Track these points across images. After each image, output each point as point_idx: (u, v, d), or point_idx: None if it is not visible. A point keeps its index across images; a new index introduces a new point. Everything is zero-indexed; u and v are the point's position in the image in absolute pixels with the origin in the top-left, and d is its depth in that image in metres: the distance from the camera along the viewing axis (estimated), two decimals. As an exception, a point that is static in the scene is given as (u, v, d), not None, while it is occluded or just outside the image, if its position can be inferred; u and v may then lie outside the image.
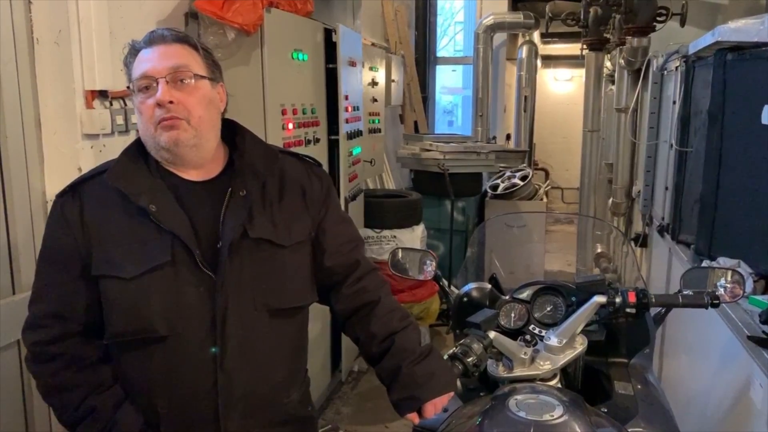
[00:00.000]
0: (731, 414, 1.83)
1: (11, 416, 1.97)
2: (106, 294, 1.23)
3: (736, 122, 2.16)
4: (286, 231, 1.31)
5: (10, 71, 1.88)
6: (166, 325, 1.21)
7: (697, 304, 1.46)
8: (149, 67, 1.22)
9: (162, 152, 1.25)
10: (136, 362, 1.25)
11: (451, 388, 1.36)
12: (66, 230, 1.24)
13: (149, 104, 1.22)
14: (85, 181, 1.28)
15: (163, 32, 1.27)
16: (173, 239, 1.22)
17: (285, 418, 1.36)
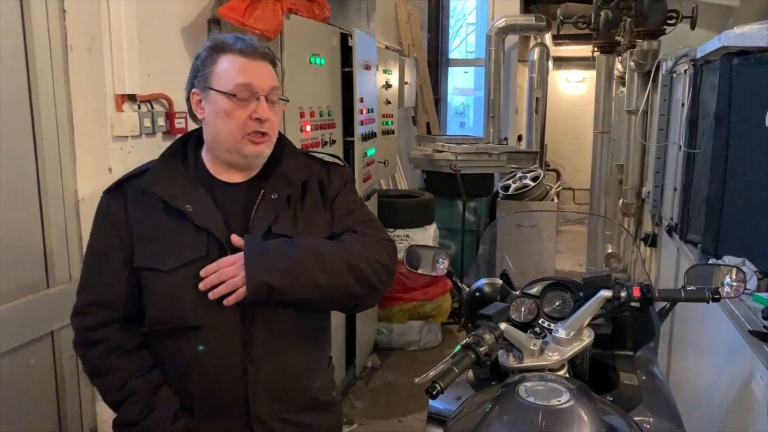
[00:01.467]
0: (735, 405, 1.90)
1: (45, 403, 2.07)
2: (146, 284, 1.33)
3: (742, 125, 2.22)
4: (306, 228, 1.39)
5: (46, 77, 1.99)
6: (197, 317, 1.30)
7: (699, 298, 1.53)
8: (254, 81, 1.30)
9: (235, 157, 1.34)
10: (171, 350, 1.34)
11: None
12: (111, 225, 1.34)
13: (243, 113, 1.30)
14: (129, 180, 1.37)
15: (260, 47, 1.34)
16: (208, 236, 1.31)
17: (310, 403, 1.44)
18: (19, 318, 1.90)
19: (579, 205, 9.81)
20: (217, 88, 1.30)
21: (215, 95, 1.31)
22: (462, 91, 9.93)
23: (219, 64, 1.31)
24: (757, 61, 2.13)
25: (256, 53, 1.32)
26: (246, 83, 1.29)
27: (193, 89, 1.35)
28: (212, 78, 1.31)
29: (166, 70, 2.34)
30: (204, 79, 1.32)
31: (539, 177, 5.52)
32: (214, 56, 1.32)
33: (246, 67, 1.30)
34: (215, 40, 1.35)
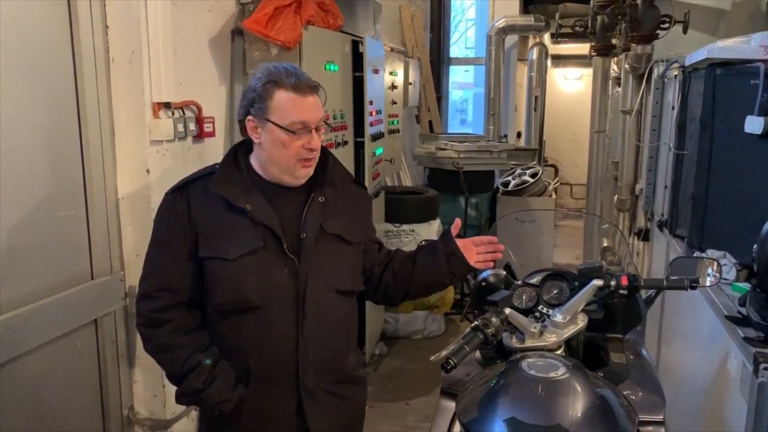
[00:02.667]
0: (714, 383, 2.11)
1: (89, 383, 2.28)
2: (212, 272, 1.53)
3: (724, 130, 2.43)
4: (352, 231, 1.65)
5: (91, 87, 2.19)
6: (259, 298, 1.51)
7: (679, 286, 1.73)
8: (309, 117, 1.50)
9: (286, 177, 1.55)
10: (233, 328, 1.54)
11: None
12: (176, 221, 1.54)
13: (300, 143, 1.50)
14: (190, 183, 1.58)
15: (309, 81, 1.52)
16: (264, 230, 1.52)
17: (346, 377, 1.68)
18: (67, 307, 2.11)
19: (576, 200, 10.02)
20: (275, 121, 1.49)
21: (273, 127, 1.50)
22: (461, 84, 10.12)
23: (275, 98, 1.49)
24: (738, 72, 2.33)
25: (307, 88, 1.51)
26: (302, 120, 1.49)
27: (249, 116, 1.53)
28: (270, 111, 1.49)
29: (196, 79, 2.54)
30: (262, 111, 1.50)
31: (538, 173, 5.71)
32: (270, 90, 1.49)
33: (300, 104, 1.49)
34: (269, 74, 1.51)
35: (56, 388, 2.13)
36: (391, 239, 4.29)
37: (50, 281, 2.05)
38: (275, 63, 1.58)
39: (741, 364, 1.79)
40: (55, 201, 2.09)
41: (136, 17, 2.23)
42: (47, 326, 2.02)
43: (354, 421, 1.75)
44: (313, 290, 1.55)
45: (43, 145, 2.03)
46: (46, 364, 2.06)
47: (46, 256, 2.05)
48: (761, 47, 2.30)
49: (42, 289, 2.02)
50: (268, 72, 1.53)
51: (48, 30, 2.03)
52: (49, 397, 2.10)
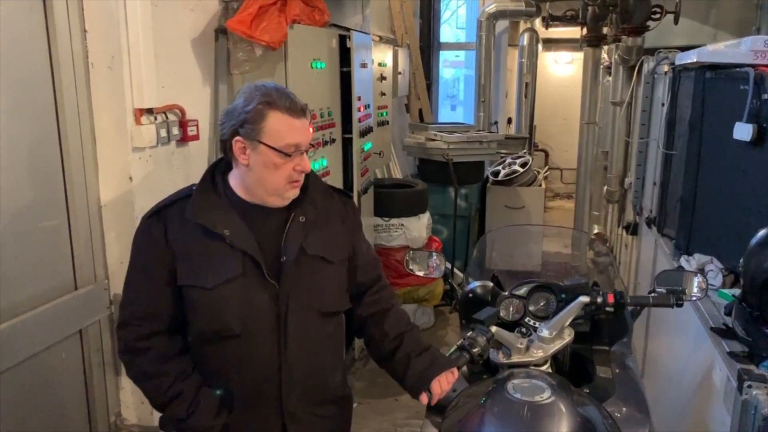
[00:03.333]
0: (698, 390, 2.13)
1: (76, 391, 2.27)
2: (191, 300, 1.51)
3: (712, 134, 2.42)
4: (333, 250, 1.61)
5: (70, 94, 2.13)
6: (240, 325, 1.49)
7: (665, 304, 1.74)
8: (301, 140, 1.48)
9: (274, 199, 1.52)
10: (215, 354, 1.53)
11: (449, 366, 1.66)
12: (153, 247, 1.51)
13: (291, 165, 1.48)
14: (167, 207, 1.54)
15: (300, 104, 1.49)
16: (244, 255, 1.49)
17: (331, 397, 1.67)
18: (51, 320, 2.07)
19: (566, 184, 10.02)
20: (268, 143, 1.45)
21: (265, 149, 1.46)
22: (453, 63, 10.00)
23: (269, 120, 1.45)
24: (728, 77, 2.31)
25: (299, 111, 1.48)
26: (296, 143, 1.47)
27: (237, 137, 1.47)
28: (263, 133, 1.45)
29: (178, 81, 2.49)
30: (254, 132, 1.45)
31: (528, 163, 5.70)
32: (263, 112, 1.45)
33: (294, 127, 1.47)
34: (262, 94, 1.46)
35: (41, 398, 2.11)
36: (380, 233, 4.28)
37: (33, 293, 2.02)
38: (263, 83, 1.54)
39: (725, 377, 1.80)
40: (36, 211, 2.05)
41: (116, 20, 2.17)
42: (31, 341, 1.99)
43: None
44: (294, 314, 1.53)
45: (22, 154, 1.98)
46: (30, 377, 2.03)
47: (28, 268, 2.02)
48: (751, 52, 2.28)
49: (24, 302, 1.99)
50: (259, 92, 1.48)
51: (24, 35, 1.97)
52: (34, 407, 2.08)
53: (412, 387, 1.65)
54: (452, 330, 4.56)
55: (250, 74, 2.71)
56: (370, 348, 1.77)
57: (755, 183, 2.21)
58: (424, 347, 1.69)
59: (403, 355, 1.67)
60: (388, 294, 1.79)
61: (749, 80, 2.18)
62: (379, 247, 4.29)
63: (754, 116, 2.16)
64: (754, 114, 2.16)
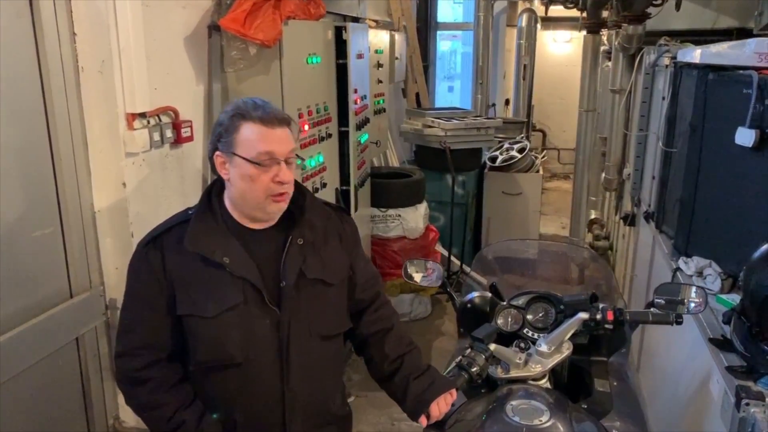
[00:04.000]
0: (694, 400, 2.14)
1: (73, 397, 2.26)
2: (191, 330, 1.48)
3: (714, 137, 2.38)
4: (332, 271, 1.59)
5: (60, 100, 2.08)
6: (241, 354, 1.48)
7: (664, 321, 1.73)
8: (275, 148, 1.43)
9: (259, 214, 1.49)
10: (217, 383, 1.51)
11: (448, 388, 1.65)
12: (151, 276, 1.48)
13: (268, 177, 1.44)
14: (163, 233, 1.51)
15: (277, 114, 1.46)
16: (244, 283, 1.47)
17: (332, 419, 1.67)
18: (47, 330, 2.05)
19: (563, 164, 9.99)
20: (241, 154, 1.43)
21: (240, 161, 1.44)
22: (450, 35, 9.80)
23: (242, 131, 1.43)
24: (731, 80, 2.27)
25: (274, 120, 1.45)
26: (267, 151, 1.43)
27: (217, 152, 1.47)
28: (236, 145, 1.44)
29: (171, 82, 2.44)
30: (228, 145, 1.45)
31: (525, 148, 5.66)
32: (236, 124, 1.44)
33: (267, 136, 1.43)
34: (236, 107, 1.47)
35: (39, 405, 2.11)
36: (377, 224, 4.26)
37: (28, 304, 2.00)
38: (246, 98, 1.51)
39: (723, 390, 1.81)
40: (29, 221, 2.02)
41: (105, 22, 2.11)
42: (27, 353, 1.97)
43: None
44: (296, 339, 1.52)
45: (12, 163, 1.94)
46: (27, 386, 2.02)
47: (23, 279, 1.99)
48: (756, 54, 2.23)
49: (19, 314, 1.97)
50: (235, 106, 1.48)
51: (11, 39, 1.91)
52: (33, 415, 2.07)
53: (412, 410, 1.64)
54: (449, 319, 4.57)
55: (245, 72, 2.66)
56: (370, 368, 1.76)
57: (756, 189, 2.19)
58: (423, 369, 1.68)
59: (402, 377, 1.66)
60: (388, 312, 1.77)
61: (752, 84, 2.14)
62: (376, 238, 4.27)
63: (757, 121, 2.13)
64: (756, 119, 2.13)
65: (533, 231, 5.73)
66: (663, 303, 1.86)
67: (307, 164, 2.97)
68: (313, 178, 3.03)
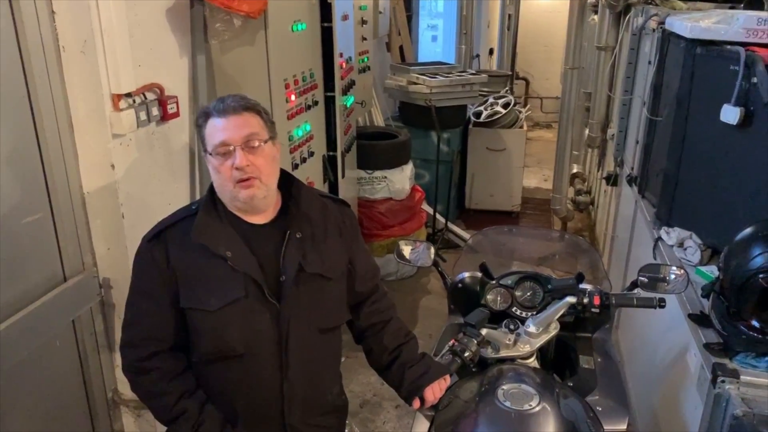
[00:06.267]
0: (671, 371, 2.25)
1: (72, 374, 2.31)
2: (194, 322, 1.53)
3: (699, 112, 2.41)
4: (331, 266, 1.62)
5: (43, 82, 2.03)
6: (243, 346, 1.53)
7: (648, 305, 1.81)
8: (227, 136, 1.46)
9: (238, 203, 1.53)
10: (218, 373, 1.57)
11: (442, 374, 1.74)
12: (155, 270, 1.52)
13: (227, 166, 1.47)
14: (167, 228, 1.54)
15: (234, 103, 1.49)
16: (245, 277, 1.50)
17: (329, 408, 1.74)
18: (42, 316, 2.06)
19: (546, 113, 9.99)
20: (207, 150, 1.50)
21: (208, 156, 1.50)
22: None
23: (207, 128, 1.50)
24: (719, 56, 2.28)
25: (228, 110, 1.48)
26: (221, 141, 1.47)
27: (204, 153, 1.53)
28: (205, 142, 1.51)
29: (155, 57, 2.38)
30: (203, 144, 1.51)
31: (510, 104, 5.65)
32: (204, 123, 1.51)
33: (221, 127, 1.48)
34: (204, 108, 1.53)
35: (38, 387, 2.15)
36: (364, 186, 4.27)
37: (23, 291, 2.01)
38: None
39: (700, 364, 1.91)
40: (18, 208, 2.00)
41: (85, 0, 2.04)
42: (26, 340, 2.00)
43: None
44: (295, 333, 1.56)
45: (-2, 150, 1.92)
46: (27, 371, 2.06)
47: (16, 267, 1.99)
48: (743, 30, 2.24)
49: (16, 301, 1.98)
50: (203, 107, 1.56)
51: (-13, 21, 1.85)
52: (33, 397, 2.12)
53: (407, 396, 1.72)
54: (434, 277, 4.67)
55: (229, 43, 2.60)
56: (369, 358, 1.84)
57: (739, 165, 2.24)
58: (418, 358, 1.75)
59: (398, 366, 1.74)
60: (386, 304, 1.82)
61: (740, 61, 2.16)
62: (362, 200, 4.30)
63: (743, 99, 2.16)
64: (742, 97, 2.16)
65: (517, 186, 5.79)
66: (646, 282, 1.94)
67: (294, 134, 2.95)
68: (300, 147, 3.02)
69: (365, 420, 3.22)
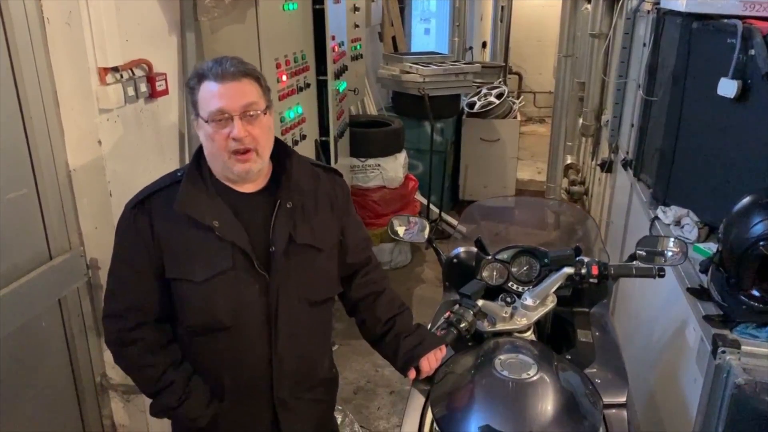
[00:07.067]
0: (669, 346, 2.22)
1: (59, 356, 2.26)
2: (180, 294, 1.47)
3: (696, 88, 2.38)
4: (322, 237, 1.57)
5: (27, 54, 1.98)
6: (230, 318, 1.47)
7: (647, 275, 1.77)
8: (225, 104, 1.39)
9: (230, 175, 1.47)
10: (205, 346, 1.51)
11: (436, 345, 1.70)
12: (139, 238, 1.46)
13: (223, 135, 1.41)
14: (152, 195, 1.48)
15: (233, 68, 1.41)
16: (233, 247, 1.45)
17: (319, 382, 1.69)
18: (27, 294, 2.01)
19: (539, 108, 9.98)
20: (201, 115, 1.42)
21: (201, 122, 1.43)
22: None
23: (201, 92, 1.42)
24: (715, 29, 2.26)
25: (227, 75, 1.40)
26: (218, 109, 1.40)
27: (193, 116, 1.47)
28: (198, 106, 1.43)
29: (143, 33, 2.33)
30: (195, 108, 1.44)
31: (503, 94, 5.62)
32: (197, 86, 1.43)
33: (219, 93, 1.40)
34: (198, 68, 1.45)
35: (24, 367, 2.10)
36: (357, 174, 4.23)
37: (6, 268, 1.96)
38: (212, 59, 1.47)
39: (699, 338, 1.87)
40: (2, 182, 1.95)
41: (70, -30, 1.99)
42: (9, 317, 1.94)
43: (326, 416, 1.80)
44: (285, 306, 1.51)
45: (-20, 124, 1.86)
46: (11, 349, 2.01)
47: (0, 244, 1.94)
48: (740, 2, 2.22)
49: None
50: (198, 67, 1.47)
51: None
52: (18, 377, 2.07)
53: (402, 366, 1.68)
54: (428, 267, 4.63)
55: (219, 21, 2.55)
56: (362, 330, 1.79)
57: (737, 140, 2.21)
58: (413, 329, 1.71)
59: (393, 337, 1.69)
60: (378, 275, 1.78)
61: (737, 34, 2.13)
62: (356, 188, 4.25)
63: (740, 72, 2.13)
64: (740, 70, 2.13)
65: (510, 177, 5.76)
66: (644, 255, 1.91)
67: (286, 116, 2.90)
68: (292, 130, 2.98)
69: (359, 406, 3.18)
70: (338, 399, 2.04)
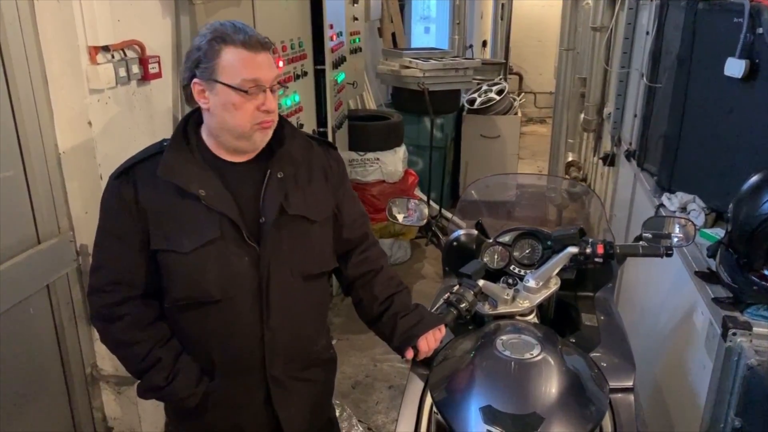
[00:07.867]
0: (677, 331, 2.16)
1: (48, 347, 2.19)
2: (166, 265, 1.41)
3: (702, 69, 2.33)
4: (316, 208, 1.51)
5: (14, 31, 1.93)
6: (219, 291, 1.41)
7: (654, 254, 1.71)
8: (262, 75, 1.35)
9: (243, 143, 1.41)
10: (194, 321, 1.45)
11: (436, 324, 1.63)
12: (124, 209, 1.40)
13: (251, 105, 1.35)
14: (136, 165, 1.42)
15: (260, 38, 1.37)
16: (221, 217, 1.39)
17: (315, 362, 1.62)
18: (14, 278, 1.95)
19: (539, 108, 9.93)
20: (224, 81, 1.34)
21: (222, 88, 1.34)
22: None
23: (223, 56, 1.33)
24: (721, 8, 2.20)
25: (258, 45, 1.35)
26: (254, 78, 1.34)
27: (195, 79, 1.37)
28: (218, 71, 1.34)
29: (136, 13, 2.28)
30: (208, 71, 1.34)
31: (504, 90, 5.57)
32: (216, 48, 1.33)
33: (252, 61, 1.34)
34: (215, 30, 1.36)
35: (11, 355, 2.03)
36: (356, 168, 4.17)
37: (-8, 251, 1.90)
38: (222, 21, 1.40)
39: (708, 322, 1.81)
40: (-12, 164, 1.90)
41: (59, -55, 1.94)
42: (-6, 301, 1.89)
43: (323, 400, 1.73)
44: (276, 279, 1.45)
45: (-35, 102, 1.81)
46: (-3, 336, 1.95)
47: (-15, 225, 1.89)
48: (747, -19, 2.16)
49: (-17, 262, 1.87)
50: (213, 29, 1.37)
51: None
52: (2, 366, 2.00)
53: (399, 346, 1.61)
54: (428, 263, 4.57)
55: (214, 4, 2.50)
56: (358, 310, 1.72)
57: (744, 121, 2.15)
58: (411, 308, 1.64)
59: (390, 315, 1.63)
60: (376, 253, 1.71)
61: (744, 13, 2.08)
62: (355, 182, 4.19)
63: (747, 51, 2.08)
64: (747, 49, 2.08)
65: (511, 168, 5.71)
66: (650, 237, 1.84)
67: (283, 103, 2.85)
68: (288, 118, 2.92)
69: (357, 401, 3.11)
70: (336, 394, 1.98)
